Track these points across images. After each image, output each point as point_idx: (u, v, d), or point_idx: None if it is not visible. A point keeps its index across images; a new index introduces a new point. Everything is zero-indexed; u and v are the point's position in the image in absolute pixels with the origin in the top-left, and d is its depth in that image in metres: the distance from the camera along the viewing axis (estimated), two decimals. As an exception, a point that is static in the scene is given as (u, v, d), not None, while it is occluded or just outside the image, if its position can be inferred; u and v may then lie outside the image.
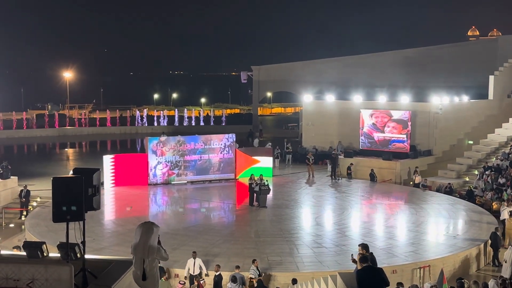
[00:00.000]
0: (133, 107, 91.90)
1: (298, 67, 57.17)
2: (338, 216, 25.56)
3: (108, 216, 25.44)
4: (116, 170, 31.01)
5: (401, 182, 34.20)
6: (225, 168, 33.32)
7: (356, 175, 34.82)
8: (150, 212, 27.41)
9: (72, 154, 47.20)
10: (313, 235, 22.34)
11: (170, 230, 22.26)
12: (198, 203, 28.55)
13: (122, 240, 20.74)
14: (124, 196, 29.27)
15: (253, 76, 59.37)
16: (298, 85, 54.22)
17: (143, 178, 31.61)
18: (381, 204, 28.45)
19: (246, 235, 22.33)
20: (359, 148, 38.19)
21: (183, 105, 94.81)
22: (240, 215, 26.51)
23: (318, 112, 42.47)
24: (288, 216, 25.31)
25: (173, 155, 32.15)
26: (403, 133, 36.30)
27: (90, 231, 20.13)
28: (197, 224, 24.06)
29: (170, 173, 32.20)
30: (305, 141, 42.81)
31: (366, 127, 37.77)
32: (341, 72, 52.32)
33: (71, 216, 8.19)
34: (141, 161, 31.74)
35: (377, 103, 39.26)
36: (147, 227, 8.64)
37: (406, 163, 35.11)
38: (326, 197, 29.86)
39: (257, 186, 26.75)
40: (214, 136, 33.64)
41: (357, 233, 22.65)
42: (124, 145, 53.37)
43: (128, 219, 24.12)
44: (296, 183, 33.24)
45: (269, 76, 58.85)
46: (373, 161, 35.48)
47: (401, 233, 23.14)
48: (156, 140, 32.16)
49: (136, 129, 61.24)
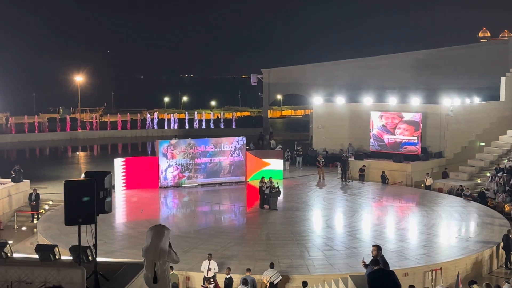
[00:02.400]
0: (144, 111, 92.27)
1: (308, 69, 57.12)
2: (349, 218, 25.48)
3: (119, 219, 25.52)
4: (127, 173, 31.13)
5: (412, 184, 34.04)
6: (235, 171, 33.34)
7: (367, 178, 34.69)
8: (161, 215, 27.47)
9: (84, 158, 47.45)
10: (324, 237, 22.28)
11: (181, 233, 22.30)
12: (208, 206, 28.58)
13: (133, 243, 20.79)
14: (135, 199, 29.37)
15: (263, 78, 59.38)
16: (308, 87, 54.18)
17: (154, 181, 31.70)
18: (392, 207, 28.33)
19: (257, 238, 22.32)
20: (369, 151, 38.06)
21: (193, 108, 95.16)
22: (251, 217, 26.50)
23: (328, 115, 42.40)
24: (299, 219, 25.26)
25: (184, 158, 32.22)
26: (415, 135, 36.12)
27: (101, 234, 20.24)
28: (208, 227, 24.08)
29: (181, 176, 32.28)
30: (316, 144, 42.75)
31: (376, 129, 37.63)
32: (351, 74, 52.22)
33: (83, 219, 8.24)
34: (152, 164, 31.84)
35: (388, 105, 39.12)
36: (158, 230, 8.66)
37: (417, 165, 34.93)
38: (336, 200, 29.78)
39: (268, 189, 26.74)
40: (225, 139, 33.69)
41: (368, 236, 22.55)
42: (135, 148, 53.58)
43: (139, 222, 24.18)
44: (307, 186, 33.18)
45: (279, 78, 58.85)
46: (384, 163, 35.33)
47: (413, 235, 23.01)
48: (167, 143, 32.24)
49: (146, 132, 61.48)
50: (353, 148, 39.23)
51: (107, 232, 22.25)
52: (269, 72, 59.31)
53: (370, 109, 38.84)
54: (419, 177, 34.22)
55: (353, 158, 36.67)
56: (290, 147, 41.91)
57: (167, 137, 49.14)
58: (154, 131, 61.46)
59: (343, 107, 41.62)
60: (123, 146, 54.83)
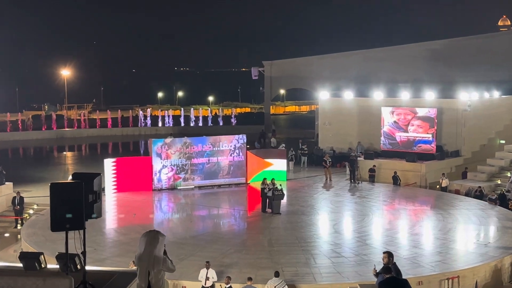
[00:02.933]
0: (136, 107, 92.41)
1: (314, 62, 57.11)
2: (358, 223, 25.49)
3: (110, 225, 25.56)
4: (118, 175, 31.16)
5: (427, 186, 34.04)
6: (235, 172, 33.36)
7: (378, 179, 34.70)
8: (155, 219, 27.50)
9: (71, 158, 47.51)
10: (331, 243, 22.30)
11: (177, 239, 22.32)
12: (206, 210, 28.60)
13: (125, 250, 20.83)
14: (127, 202, 29.41)
15: (264, 72, 59.37)
16: (314, 81, 54.15)
17: (147, 183, 31.73)
18: (405, 210, 28.34)
19: (258, 244, 22.34)
20: (380, 149, 38.06)
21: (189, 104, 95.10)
22: (252, 222, 26.52)
23: (335, 111, 42.41)
24: (304, 223, 25.28)
25: (179, 158, 32.25)
26: (430, 132, 36.09)
27: (90, 241, 20.22)
28: (206, 233, 24.11)
29: (176, 178, 32.31)
30: (322, 142, 42.77)
31: (387, 126, 37.62)
32: (360, 67, 52.17)
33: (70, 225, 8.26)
34: (144, 165, 31.87)
35: (400, 100, 39.11)
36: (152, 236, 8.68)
37: (432, 165, 34.93)
38: (345, 203, 29.79)
39: (270, 191, 26.76)
40: (223, 137, 33.71)
41: (379, 242, 22.57)
42: (126, 147, 53.63)
43: (132, 228, 24.21)
44: (312, 188, 33.19)
45: (282, 72, 58.84)
46: (396, 163, 35.34)
47: (427, 241, 23.02)
48: (161, 142, 32.27)
49: (139, 131, 61.56)
50: (362, 146, 39.24)
51: (96, 238, 22.28)
52: (271, 65, 59.29)
53: (380, 104, 38.85)
54: (434, 177, 34.23)
55: (362, 157, 36.69)
56: (294, 146, 41.91)
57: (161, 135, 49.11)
58: (147, 129, 61.53)
59: (352, 102, 41.62)
60: (114, 145, 54.87)
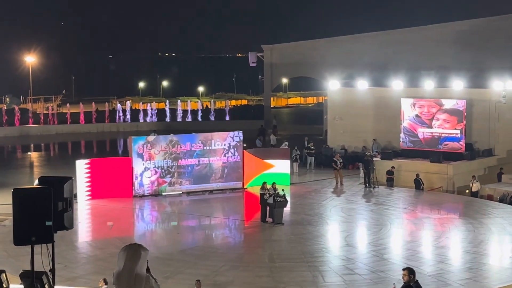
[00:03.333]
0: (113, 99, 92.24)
1: (322, 45, 57.10)
2: (375, 234, 25.49)
3: (83, 237, 25.53)
4: (92, 179, 31.12)
5: (455, 191, 34.05)
6: (230, 175, 33.35)
7: (397, 182, 34.70)
8: (136, 231, 27.49)
9: (37, 159, 47.44)
10: (343, 258, 22.30)
11: (162, 254, 22.31)
12: (196, 220, 28.59)
13: (101, 267, 20.81)
14: (103, 211, 29.38)
15: (264, 57, 59.33)
16: (322, 68, 54.10)
17: (127, 188, 31.70)
18: (429, 219, 28.35)
19: (258, 260, 22.34)
20: (399, 148, 38.07)
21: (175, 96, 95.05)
22: (250, 234, 26.51)
23: (347, 103, 42.37)
24: (311, 235, 25.28)
25: (164, 159, 32.22)
26: (458, 128, 36.08)
27: (60, 256, 20.23)
28: (196, 246, 24.10)
29: (161, 182, 32.28)
30: (331, 140, 42.75)
31: (407, 121, 37.62)
32: (377, 51, 52.15)
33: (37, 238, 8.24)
34: (123, 167, 31.84)
35: (423, 91, 39.09)
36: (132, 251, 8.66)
37: (460, 166, 34.94)
38: (358, 211, 29.80)
39: (271, 198, 26.74)
40: (216, 134, 33.69)
41: (399, 256, 22.58)
42: (102, 147, 53.53)
43: (109, 241, 24.19)
44: (321, 193, 33.20)
45: (284, 57, 58.80)
46: (418, 164, 35.34)
47: (456, 255, 23.04)
48: (143, 140, 32.24)
49: (117, 127, 61.41)
50: (378, 145, 39.22)
51: (67, 253, 22.25)
52: (272, 50, 59.26)
53: (400, 95, 38.82)
54: (463, 181, 34.26)
55: (379, 157, 36.68)
56: (299, 144, 41.88)
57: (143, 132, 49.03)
58: (126, 125, 61.41)
59: (366, 93, 41.58)
60: (87, 144, 54.78)
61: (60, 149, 53.63)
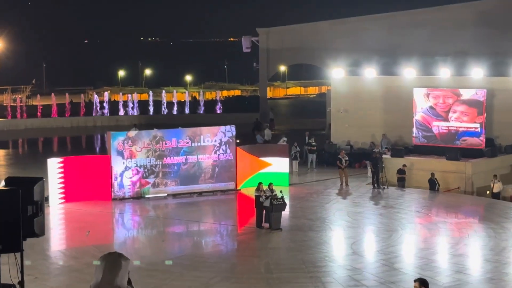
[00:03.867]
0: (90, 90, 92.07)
1: (324, 28, 57.09)
2: (384, 241, 25.52)
3: (56, 246, 25.45)
4: (66, 180, 31.05)
5: (474, 192, 34.11)
6: (221, 175, 33.34)
7: (409, 182, 34.75)
8: (116, 238, 27.44)
9: (4, 157, 47.34)
10: (349, 268, 22.32)
11: (145, 264, 22.25)
12: (183, 225, 28.56)
13: (76, 279, 20.77)
14: (79, 216, 29.33)
15: (259, 42, 59.31)
16: (325, 54, 54.15)
17: (105, 190, 31.64)
18: (445, 223, 28.38)
19: (253, 270, 22.33)
20: (412, 144, 38.12)
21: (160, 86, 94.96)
22: (244, 241, 26.50)
23: (353, 93, 42.39)
24: (313, 242, 25.29)
25: (147, 157, 32.19)
26: (478, 121, 36.11)
27: (30, 267, 20.18)
28: (183, 255, 24.06)
29: (144, 183, 32.26)
30: (335, 135, 42.78)
31: (420, 113, 37.65)
32: (386, 35, 52.18)
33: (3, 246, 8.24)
34: (101, 167, 31.76)
35: (438, 79, 39.15)
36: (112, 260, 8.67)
37: (480, 164, 35.00)
38: (366, 215, 29.82)
39: (268, 200, 26.74)
40: (206, 129, 33.65)
41: (411, 265, 22.60)
42: (77, 143, 53.46)
43: (85, 250, 24.15)
44: (323, 195, 33.21)
45: (282, 42, 58.78)
46: (433, 162, 35.39)
47: (475, 264, 23.08)
48: (123, 136, 32.19)
49: (93, 121, 61.39)
50: (388, 140, 39.24)
51: (38, 264, 22.20)
52: (268, 33, 59.21)
53: (412, 84, 38.86)
54: (483, 181, 34.33)
55: (388, 154, 36.71)
56: (299, 140, 41.91)
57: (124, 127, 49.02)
58: (104, 119, 61.39)
59: (375, 82, 41.61)
60: (61, 140, 54.69)
61: (29, 146, 53.54)
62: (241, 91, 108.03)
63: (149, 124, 48.45)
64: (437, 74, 39.85)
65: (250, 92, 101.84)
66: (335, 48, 53.35)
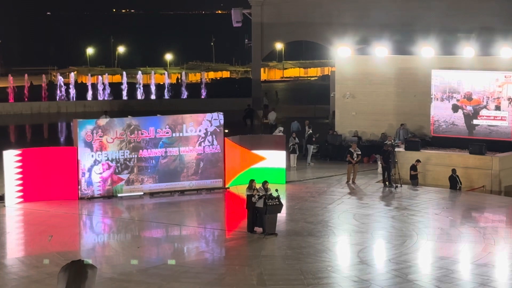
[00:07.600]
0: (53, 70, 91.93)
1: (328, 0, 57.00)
2: (397, 248, 25.58)
3: (12, 252, 25.48)
4: (25, 176, 31.04)
5: (501, 191, 34.18)
6: (207, 171, 33.37)
7: (425, 180, 34.84)
8: (83, 244, 27.41)
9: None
10: (355, 280, 22.38)
11: (117, 275, 22.29)
12: (162, 229, 28.56)
13: (36, 291, 20.72)
14: (40, 218, 29.30)
15: (251, 16, 59.23)
16: (328, 30, 54.13)
17: (71, 188, 31.65)
18: (468, 228, 28.44)
19: (243, 281, 22.35)
20: (430, 136, 38.16)
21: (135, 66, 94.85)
22: (233, 248, 26.53)
23: (361, 76, 42.38)
24: (313, 249, 25.34)
25: (120, 150, 32.17)
26: (507, 110, 36.18)
27: (-17, 278, 20.15)
28: (162, 264, 24.08)
29: (116, 180, 32.25)
30: (340, 125, 42.75)
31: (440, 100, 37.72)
32: (399, 7, 52.20)
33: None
34: (67, 160, 31.76)
35: (460, 59, 39.15)
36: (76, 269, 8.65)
37: (508, 159, 35.07)
38: (375, 217, 29.89)
39: (261, 200, 26.76)
40: (188, 117, 33.64)
41: (427, 277, 22.67)
42: (38, 132, 53.39)
43: (47, 257, 24.10)
44: (326, 194, 33.27)
45: (278, 16, 58.72)
46: (454, 157, 35.47)
47: (502, 275, 23.14)
48: (92, 124, 32.15)
49: (58, 107, 61.28)
50: (406, 131, 39.10)
51: (-8, 273, 22.20)
52: (262, 5, 59.10)
53: (430, 65, 38.90)
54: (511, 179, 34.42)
55: (402, 147, 36.70)
56: (297, 130, 41.90)
57: (93, 114, 48.95)
58: (70, 104, 61.28)
59: (386, 63, 41.59)
60: (18, 129, 54.59)
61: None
62: (231, 72, 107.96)
63: (122, 111, 48.44)
64: (459, 54, 39.83)
65: (241, 74, 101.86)
66: (341, 22, 53.31)
